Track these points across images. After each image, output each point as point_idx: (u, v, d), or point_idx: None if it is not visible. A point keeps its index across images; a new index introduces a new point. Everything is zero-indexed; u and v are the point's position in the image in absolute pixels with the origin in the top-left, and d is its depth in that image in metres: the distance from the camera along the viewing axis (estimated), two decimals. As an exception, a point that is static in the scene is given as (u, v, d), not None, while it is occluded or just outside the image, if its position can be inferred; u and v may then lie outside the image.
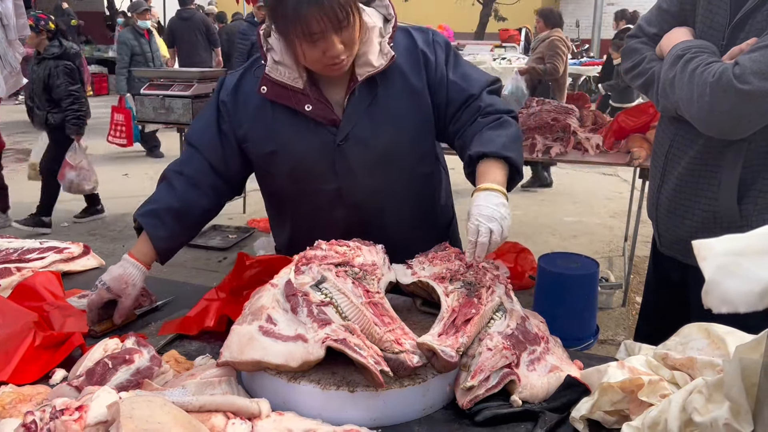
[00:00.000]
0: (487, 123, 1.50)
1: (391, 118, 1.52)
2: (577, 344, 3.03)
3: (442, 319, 1.23)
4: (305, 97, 1.48)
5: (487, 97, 1.54)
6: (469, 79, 1.55)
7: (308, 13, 1.30)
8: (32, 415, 0.94)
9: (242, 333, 1.16)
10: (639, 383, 1.05)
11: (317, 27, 1.32)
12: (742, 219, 1.56)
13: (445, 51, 1.57)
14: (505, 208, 1.34)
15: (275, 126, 1.53)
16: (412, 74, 1.53)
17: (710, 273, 0.60)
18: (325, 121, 1.50)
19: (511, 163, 1.44)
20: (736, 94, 1.37)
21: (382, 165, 1.55)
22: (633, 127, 3.87)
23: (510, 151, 1.44)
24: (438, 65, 1.54)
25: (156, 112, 4.67)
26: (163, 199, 1.57)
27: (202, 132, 1.60)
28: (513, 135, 1.48)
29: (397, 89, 1.52)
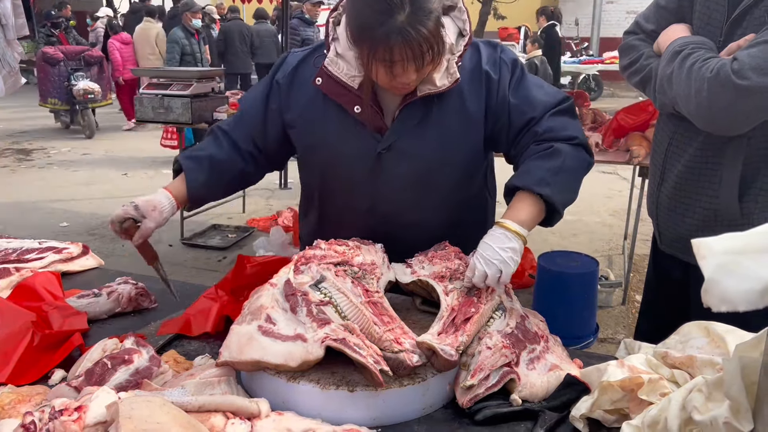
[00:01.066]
0: (536, 152, 1.42)
1: (438, 139, 1.46)
2: (576, 343, 3.03)
3: (442, 318, 1.23)
4: (357, 98, 1.43)
5: (548, 121, 1.44)
6: (532, 102, 1.46)
7: (395, 43, 1.24)
8: (31, 415, 0.94)
9: (241, 333, 1.16)
10: (639, 382, 1.05)
11: (399, 57, 1.26)
12: (743, 217, 1.56)
13: (511, 70, 1.48)
14: (512, 252, 1.30)
15: (322, 120, 1.49)
16: (470, 97, 1.45)
17: (710, 272, 0.60)
18: (372, 127, 1.45)
19: (546, 201, 1.36)
20: (734, 89, 1.36)
21: (419, 183, 1.49)
22: (632, 126, 3.86)
23: (545, 187, 1.35)
24: (501, 87, 1.46)
25: (155, 111, 4.66)
26: (207, 149, 1.59)
27: (251, 102, 1.61)
28: (556, 168, 1.38)
29: (452, 111, 1.45)
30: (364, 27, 1.27)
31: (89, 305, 1.51)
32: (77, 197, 6.35)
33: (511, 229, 1.32)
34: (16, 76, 3.72)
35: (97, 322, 1.51)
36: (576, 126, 1.47)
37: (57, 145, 9.00)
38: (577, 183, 1.44)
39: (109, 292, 1.56)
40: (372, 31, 1.25)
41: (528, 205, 1.37)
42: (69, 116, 9.75)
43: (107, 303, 1.54)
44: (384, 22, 1.23)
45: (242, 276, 1.57)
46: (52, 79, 9.26)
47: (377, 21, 1.24)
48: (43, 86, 9.40)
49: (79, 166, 7.78)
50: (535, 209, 1.37)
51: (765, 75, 1.34)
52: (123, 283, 1.62)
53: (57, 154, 8.45)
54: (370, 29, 1.25)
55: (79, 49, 9.61)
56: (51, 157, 8.23)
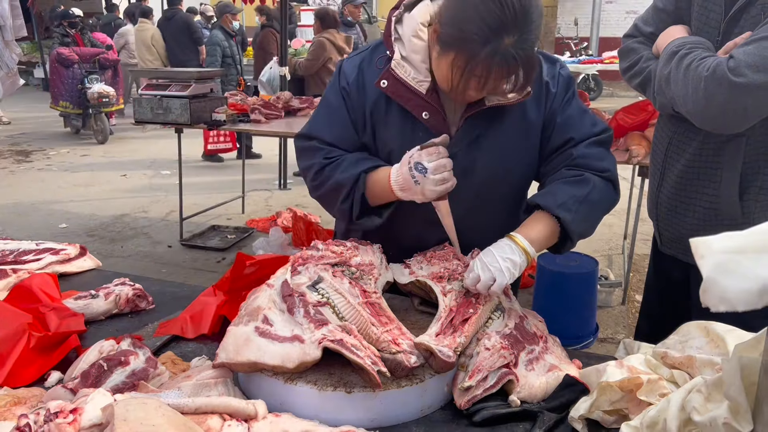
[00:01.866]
0: (565, 176, 1.41)
1: (500, 150, 1.43)
2: (576, 343, 3.03)
3: (440, 319, 1.22)
4: (425, 103, 1.38)
5: (585, 149, 1.42)
6: (575, 125, 1.44)
7: (496, 64, 1.21)
8: (26, 418, 0.94)
9: (238, 334, 1.15)
10: (638, 382, 1.05)
11: (495, 76, 1.23)
12: (743, 216, 1.56)
13: (566, 88, 1.46)
14: (510, 264, 1.27)
15: (384, 123, 1.45)
16: (531, 107, 1.43)
17: (708, 271, 0.60)
18: (438, 133, 1.38)
19: (562, 225, 1.34)
20: (730, 86, 1.36)
21: (477, 194, 1.46)
22: (632, 125, 3.85)
23: (565, 212, 1.33)
24: (555, 102, 1.45)
25: (153, 112, 4.65)
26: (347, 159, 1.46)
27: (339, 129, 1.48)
28: (582, 196, 1.36)
29: (514, 122, 1.42)
30: (468, 38, 1.21)
31: (86, 306, 1.50)
32: (76, 199, 6.34)
33: (519, 243, 1.30)
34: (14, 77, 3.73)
35: (94, 323, 1.51)
36: (611, 160, 1.45)
37: (56, 146, 8.99)
38: (598, 217, 1.44)
39: (106, 294, 1.56)
40: (476, 46, 1.20)
41: (543, 226, 1.35)
42: (81, 120, 9.44)
43: (104, 304, 1.53)
44: (492, 40, 1.19)
45: (240, 275, 1.56)
46: (65, 82, 9.04)
47: (485, 38, 1.19)
48: (55, 88, 9.17)
49: (78, 167, 7.77)
50: (548, 231, 1.36)
51: (760, 72, 1.34)
52: (120, 285, 1.61)
53: (56, 155, 8.44)
54: (474, 43, 1.20)
55: (94, 51, 9.37)
56: (50, 159, 8.22)
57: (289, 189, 6.67)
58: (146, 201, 6.24)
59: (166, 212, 5.89)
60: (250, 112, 4.94)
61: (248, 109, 4.97)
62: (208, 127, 4.74)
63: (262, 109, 4.97)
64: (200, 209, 5.58)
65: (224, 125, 4.76)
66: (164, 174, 7.37)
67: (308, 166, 1.49)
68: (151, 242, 5.10)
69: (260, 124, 4.86)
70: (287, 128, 4.88)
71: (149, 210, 5.96)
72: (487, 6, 1.18)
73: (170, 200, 6.18)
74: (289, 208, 5.48)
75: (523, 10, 1.18)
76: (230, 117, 4.80)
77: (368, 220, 1.46)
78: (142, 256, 4.82)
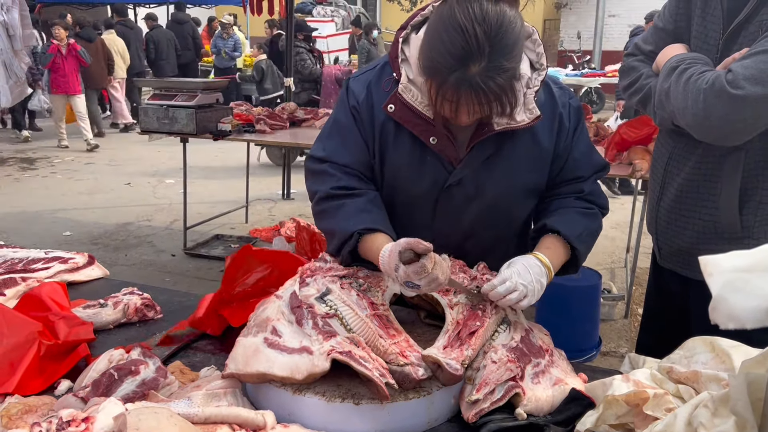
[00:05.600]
0: (579, 207, 1.47)
1: (509, 175, 1.43)
2: (579, 356, 3.03)
3: (447, 332, 1.23)
4: (432, 128, 1.37)
5: (592, 185, 1.51)
6: (587, 160, 1.50)
7: (462, 92, 1.21)
8: (39, 426, 0.95)
9: (247, 345, 1.17)
10: (644, 396, 1.05)
11: (465, 102, 1.23)
12: (743, 230, 1.57)
13: (577, 119, 1.48)
14: (540, 287, 1.33)
15: (393, 147, 1.43)
16: (544, 134, 1.43)
17: (717, 289, 0.61)
18: (446, 159, 1.40)
19: (575, 255, 1.44)
20: (729, 99, 1.39)
21: (483, 217, 1.47)
22: (635, 139, 3.87)
23: (581, 244, 1.43)
24: (568, 134, 1.46)
25: (159, 122, 4.68)
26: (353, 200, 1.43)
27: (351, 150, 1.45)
28: (593, 231, 1.49)
29: (525, 147, 1.42)
30: (436, 67, 1.23)
31: (95, 315, 1.52)
32: (80, 206, 6.37)
33: (546, 266, 1.36)
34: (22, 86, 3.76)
35: (102, 332, 1.52)
36: (605, 195, 1.55)
37: (60, 154, 9.03)
38: (592, 246, 1.52)
39: (115, 303, 1.57)
40: (443, 75, 1.22)
41: (561, 254, 1.43)
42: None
43: (113, 313, 1.54)
44: (457, 69, 1.20)
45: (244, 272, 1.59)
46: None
47: (451, 66, 1.20)
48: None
49: (83, 175, 7.81)
50: (563, 258, 1.44)
51: (759, 84, 1.37)
52: (129, 294, 1.63)
53: (60, 163, 8.48)
54: (441, 71, 1.22)
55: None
56: (54, 166, 8.26)
57: (293, 199, 6.69)
58: (150, 210, 6.26)
59: (170, 221, 5.91)
60: (256, 123, 4.97)
61: (253, 119, 5.00)
62: (213, 137, 4.76)
63: (267, 119, 5.00)
64: (204, 218, 5.60)
65: (230, 135, 4.79)
66: (168, 183, 7.39)
67: (315, 191, 1.47)
68: (154, 251, 5.12)
69: (265, 135, 4.88)
70: (292, 139, 4.90)
71: (153, 218, 5.98)
72: (451, 36, 1.20)
73: (174, 209, 6.20)
74: (293, 218, 5.49)
75: (488, 38, 1.18)
76: (236, 127, 4.82)
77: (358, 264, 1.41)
78: (146, 265, 4.83)
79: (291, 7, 6.51)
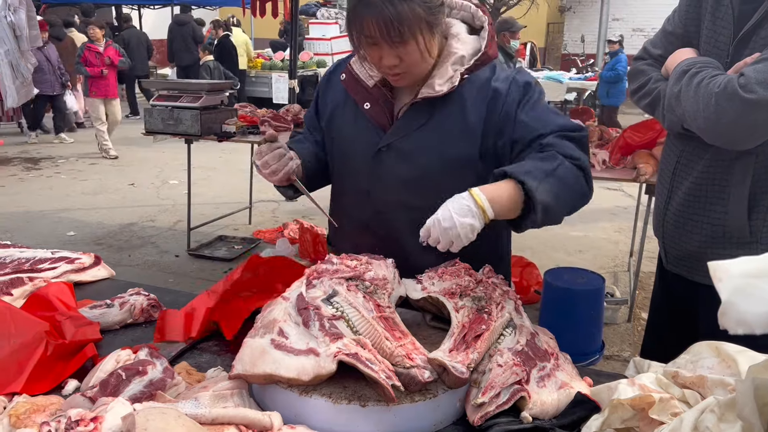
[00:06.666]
0: (534, 156, 1.41)
1: (435, 144, 1.50)
2: (582, 359, 3.03)
3: (453, 335, 1.23)
4: (369, 95, 1.55)
5: (555, 139, 1.43)
6: (543, 121, 1.47)
7: (363, 15, 1.36)
8: (48, 425, 0.95)
9: (254, 346, 1.17)
10: (650, 401, 1.06)
11: (368, 32, 1.37)
12: (751, 235, 1.57)
13: (524, 91, 1.50)
14: (469, 229, 1.27)
15: (342, 113, 1.62)
16: (472, 109, 1.49)
17: (727, 294, 0.61)
18: (378, 124, 1.55)
19: (526, 191, 1.31)
20: (741, 103, 1.39)
21: (412, 185, 1.54)
22: (639, 143, 3.88)
23: (531, 178, 1.31)
24: (507, 103, 1.48)
25: (164, 123, 4.70)
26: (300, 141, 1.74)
27: (309, 115, 1.77)
28: (549, 170, 1.35)
29: (451, 118, 1.50)
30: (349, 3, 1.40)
31: (102, 316, 1.52)
32: (84, 207, 6.39)
33: (479, 202, 1.29)
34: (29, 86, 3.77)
35: (109, 332, 1.53)
36: (583, 155, 1.44)
37: (65, 154, 9.06)
38: (565, 196, 1.38)
39: (121, 303, 1.58)
40: (350, 3, 1.40)
41: (505, 190, 1.32)
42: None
43: (119, 313, 1.55)
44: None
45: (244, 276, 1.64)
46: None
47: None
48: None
49: (87, 175, 7.83)
50: (511, 196, 1.32)
51: None
52: (135, 294, 1.63)
53: (64, 163, 8.50)
54: (351, 5, 1.39)
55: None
56: (59, 167, 8.28)
57: (296, 200, 6.70)
58: (154, 210, 6.28)
59: (174, 222, 5.93)
60: (260, 124, 4.98)
61: (258, 121, 5.01)
62: (218, 139, 4.77)
63: (272, 121, 5.01)
64: (208, 219, 5.61)
65: (234, 136, 4.80)
66: (172, 183, 7.41)
67: None
68: (158, 251, 5.13)
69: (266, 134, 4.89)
70: (296, 140, 4.90)
71: (157, 219, 6.00)
72: None
73: (178, 210, 6.21)
74: (296, 220, 5.50)
75: None
76: (240, 128, 4.84)
77: (284, 191, 1.65)
78: (150, 265, 4.85)
79: (295, 8, 6.53)
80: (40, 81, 9.05)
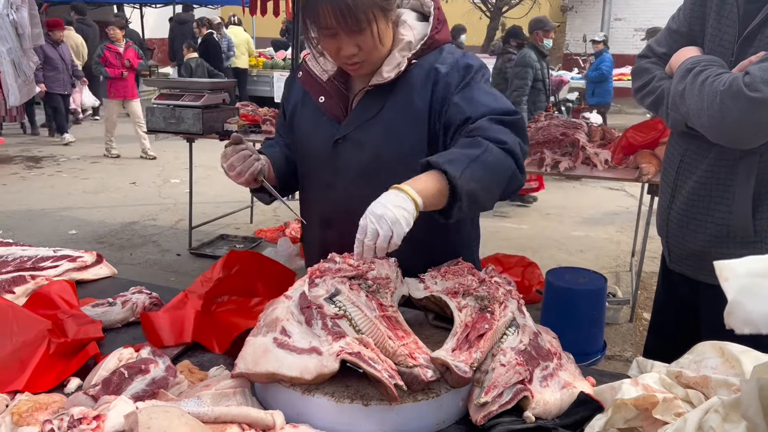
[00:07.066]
0: (460, 143, 1.38)
1: (387, 132, 1.52)
2: (584, 359, 3.02)
3: (456, 334, 1.23)
4: (323, 89, 1.57)
5: (484, 123, 1.39)
6: (474, 103, 1.43)
7: (318, 5, 1.35)
8: (50, 423, 0.95)
9: (257, 345, 1.17)
10: (653, 401, 1.05)
11: (325, 23, 1.37)
12: (756, 234, 1.57)
13: (463, 73, 1.48)
14: (404, 211, 1.22)
15: (301, 109, 1.64)
16: (419, 93, 1.50)
17: (733, 294, 0.61)
18: (334, 117, 1.56)
19: (449, 179, 1.28)
20: (746, 101, 1.39)
21: (368, 174, 1.54)
22: (642, 143, 3.87)
23: (453, 167, 1.28)
24: (447, 85, 1.47)
25: (166, 121, 4.70)
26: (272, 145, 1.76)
27: (280, 119, 1.78)
28: (473, 156, 1.32)
29: (401, 105, 1.52)
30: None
31: (104, 314, 1.52)
32: (86, 205, 6.39)
33: (405, 190, 1.25)
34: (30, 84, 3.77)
35: (111, 330, 1.52)
36: (512, 138, 1.39)
37: (66, 152, 9.06)
38: (491, 181, 1.35)
39: (123, 302, 1.57)
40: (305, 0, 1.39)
41: (429, 180, 1.29)
42: None
43: (121, 312, 1.55)
44: None
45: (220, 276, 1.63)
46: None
47: None
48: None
49: (88, 174, 7.84)
50: (435, 185, 1.29)
51: None
52: (137, 293, 1.63)
53: (66, 162, 8.51)
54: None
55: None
56: (60, 165, 8.29)
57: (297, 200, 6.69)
58: (155, 209, 6.28)
59: (175, 221, 5.93)
60: (262, 123, 4.98)
61: (260, 119, 5.01)
62: (219, 137, 4.77)
63: (274, 120, 5.01)
64: (209, 218, 5.61)
65: (235, 135, 4.80)
66: (173, 182, 7.42)
67: None
68: (159, 250, 5.13)
69: (271, 135, 4.89)
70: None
71: (158, 218, 6.00)
72: None
73: (179, 209, 6.22)
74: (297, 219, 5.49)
75: None
76: (242, 127, 4.84)
77: (260, 196, 1.68)
78: (151, 264, 4.85)
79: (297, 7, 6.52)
80: (54, 80, 9.06)
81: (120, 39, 8.58)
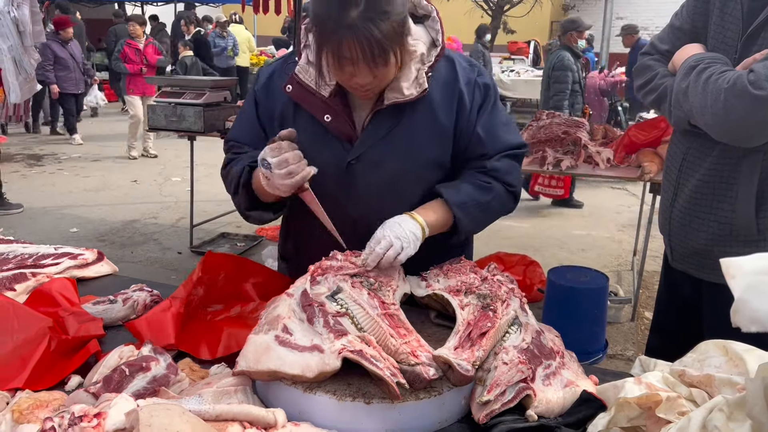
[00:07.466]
0: (475, 179, 1.49)
1: (408, 149, 1.46)
2: (586, 358, 3.02)
3: (458, 333, 1.22)
4: (327, 106, 1.43)
5: (497, 162, 1.49)
6: (493, 138, 1.49)
7: (343, 37, 1.24)
8: (51, 421, 0.95)
9: (258, 342, 1.16)
10: (656, 399, 1.05)
11: (348, 53, 1.26)
12: (759, 233, 1.56)
13: (483, 96, 1.49)
14: (415, 237, 1.36)
15: (293, 126, 1.44)
16: (442, 111, 1.46)
17: (740, 292, 0.60)
18: (342, 137, 1.46)
19: (456, 222, 1.45)
20: (751, 99, 1.38)
21: (387, 192, 1.49)
22: (644, 142, 3.86)
23: (463, 212, 1.44)
24: (471, 111, 1.48)
25: (167, 119, 4.70)
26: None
27: (247, 130, 1.57)
28: (483, 203, 1.47)
29: (423, 122, 1.46)
30: (317, 17, 1.29)
31: (105, 312, 1.52)
32: (87, 203, 6.39)
33: (418, 220, 1.39)
34: (32, 82, 3.77)
35: (112, 328, 1.52)
36: (518, 174, 1.54)
37: (67, 150, 9.06)
38: (489, 222, 1.55)
39: (124, 299, 1.57)
40: (324, 23, 1.27)
41: (441, 214, 1.45)
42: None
43: (122, 310, 1.54)
44: (336, 14, 1.24)
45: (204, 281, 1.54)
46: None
47: (330, 13, 1.25)
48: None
49: (89, 171, 7.83)
50: (443, 220, 1.45)
51: None
52: (138, 290, 1.63)
53: (67, 159, 8.51)
54: (322, 20, 1.27)
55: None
56: (61, 163, 8.29)
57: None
58: (156, 207, 6.28)
59: (176, 219, 5.93)
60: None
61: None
62: (221, 135, 4.77)
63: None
64: (210, 216, 5.61)
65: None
66: (175, 180, 7.41)
67: (222, 165, 1.60)
68: (160, 248, 5.13)
69: (272, 134, 4.89)
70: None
71: (159, 216, 6.00)
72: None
73: (180, 207, 6.21)
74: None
75: None
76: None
77: (259, 215, 1.55)
78: (152, 262, 4.85)
79: (299, 5, 6.51)
80: (66, 79, 8.90)
81: (140, 35, 8.55)
